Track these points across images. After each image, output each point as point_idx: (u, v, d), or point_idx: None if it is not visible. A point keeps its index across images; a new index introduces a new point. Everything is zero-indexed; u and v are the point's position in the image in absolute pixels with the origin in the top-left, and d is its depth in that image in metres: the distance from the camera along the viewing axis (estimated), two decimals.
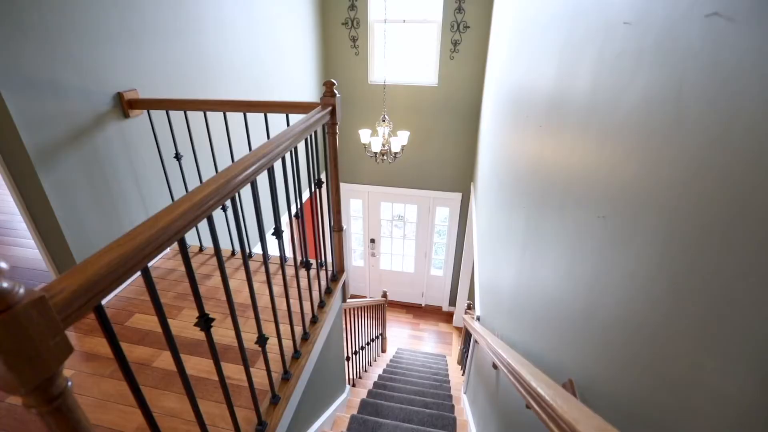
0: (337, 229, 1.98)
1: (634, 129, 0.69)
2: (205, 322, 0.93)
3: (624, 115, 0.74)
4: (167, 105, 1.92)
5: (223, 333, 1.74)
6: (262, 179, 1.19)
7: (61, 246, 1.75)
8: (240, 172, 0.99)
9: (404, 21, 4.58)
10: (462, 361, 4.51)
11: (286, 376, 1.52)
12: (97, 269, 0.60)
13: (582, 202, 0.92)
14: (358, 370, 3.88)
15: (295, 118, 1.72)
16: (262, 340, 1.27)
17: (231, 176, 0.95)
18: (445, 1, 4.31)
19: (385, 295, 4.91)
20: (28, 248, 2.50)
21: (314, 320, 1.81)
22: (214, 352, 1.03)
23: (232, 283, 2.07)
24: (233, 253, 2.34)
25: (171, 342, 0.84)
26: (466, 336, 3.90)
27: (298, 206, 1.57)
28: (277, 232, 1.31)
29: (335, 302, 2.08)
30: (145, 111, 2.02)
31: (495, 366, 1.72)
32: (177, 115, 2.11)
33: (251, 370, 1.58)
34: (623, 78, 0.75)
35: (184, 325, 1.79)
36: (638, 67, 0.69)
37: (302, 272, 2.11)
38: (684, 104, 0.55)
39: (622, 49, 0.76)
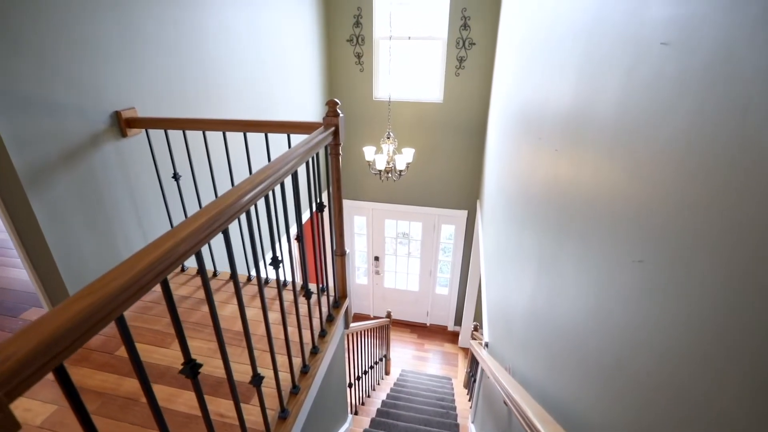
0: (340, 253, 1.89)
1: (678, 159, 0.61)
2: (191, 369, 0.84)
3: (664, 144, 0.65)
4: (165, 124, 1.86)
5: (217, 364, 1.64)
6: (260, 201, 1.12)
7: (50, 269, 1.68)
8: (234, 201, 0.91)
9: (409, 38, 4.57)
10: (468, 385, 4.35)
11: (284, 415, 1.41)
12: (57, 326, 0.52)
13: (610, 240, 0.83)
14: (360, 396, 3.74)
15: (297, 138, 1.65)
16: (256, 379, 1.17)
17: (224, 207, 0.87)
18: (451, 18, 4.29)
19: (389, 315, 4.78)
20: (23, 269, 2.43)
21: (314, 351, 1.71)
22: (200, 397, 0.93)
23: (229, 309, 1.98)
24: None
25: (149, 392, 0.75)
26: (473, 360, 3.76)
27: (298, 228, 1.49)
28: (275, 262, 1.22)
29: (337, 330, 1.98)
30: (144, 130, 1.96)
31: (506, 403, 1.61)
32: (176, 134, 2.05)
33: (247, 406, 1.48)
34: (661, 102, 0.67)
35: (177, 355, 1.69)
36: (682, 92, 0.61)
37: (302, 298, 2.01)
38: (750, 134, 0.46)
39: (660, 70, 0.68)
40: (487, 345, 2.69)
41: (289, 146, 1.67)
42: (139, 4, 1.91)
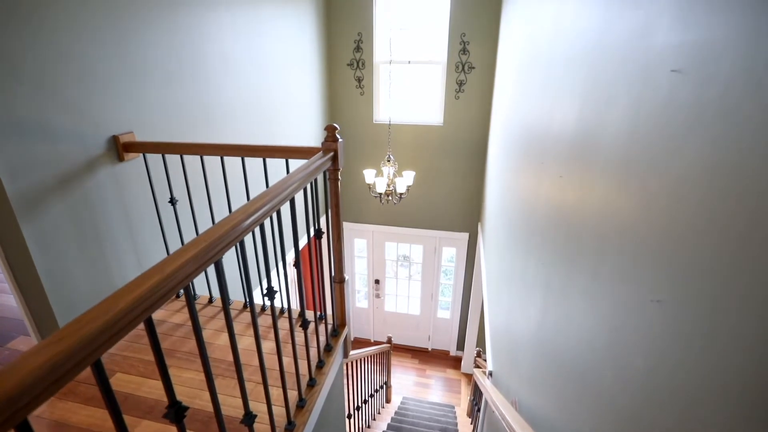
0: (339, 280, 1.84)
1: (699, 191, 0.57)
2: (176, 413, 0.78)
3: (682, 174, 0.61)
4: (163, 148, 1.83)
5: (209, 398, 1.56)
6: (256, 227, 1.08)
7: (40, 297, 1.62)
8: (227, 232, 0.87)
9: (409, 62, 4.63)
10: (472, 413, 4.21)
11: None
12: (23, 377, 0.47)
13: (623, 276, 0.78)
14: (361, 426, 3.61)
15: (296, 163, 1.62)
16: (248, 418, 1.10)
17: (215, 239, 0.82)
18: (450, 42, 4.35)
19: (389, 340, 4.67)
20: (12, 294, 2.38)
21: (311, 383, 1.64)
22: None
23: (224, 338, 1.91)
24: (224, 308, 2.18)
25: None
26: (476, 388, 3.64)
27: (296, 255, 1.44)
28: (270, 293, 1.17)
29: (336, 360, 1.90)
30: (141, 154, 1.93)
31: None
32: (174, 159, 2.03)
33: None
34: (674, 131, 0.64)
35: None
36: (698, 121, 0.58)
37: (299, 327, 1.94)
38: None
39: (672, 98, 0.65)
40: (491, 374, 2.60)
41: (288, 171, 1.64)
42: (140, 29, 1.91)
